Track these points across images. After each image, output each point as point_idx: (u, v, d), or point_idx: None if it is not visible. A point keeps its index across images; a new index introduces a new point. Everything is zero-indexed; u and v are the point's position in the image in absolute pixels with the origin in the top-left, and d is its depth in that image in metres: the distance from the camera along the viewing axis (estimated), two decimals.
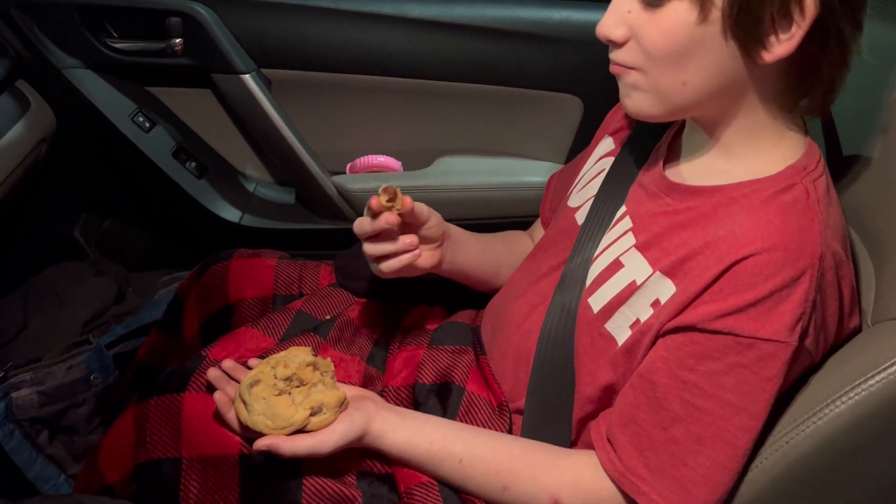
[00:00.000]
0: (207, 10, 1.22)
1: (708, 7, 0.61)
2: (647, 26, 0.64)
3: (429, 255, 0.87)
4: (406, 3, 1.25)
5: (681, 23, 0.62)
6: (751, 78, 0.65)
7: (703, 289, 0.65)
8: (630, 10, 0.65)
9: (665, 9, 0.63)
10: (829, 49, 0.64)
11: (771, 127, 0.69)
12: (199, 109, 1.33)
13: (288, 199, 1.40)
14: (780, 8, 0.60)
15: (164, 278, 1.39)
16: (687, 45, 0.63)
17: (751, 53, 0.63)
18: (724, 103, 0.68)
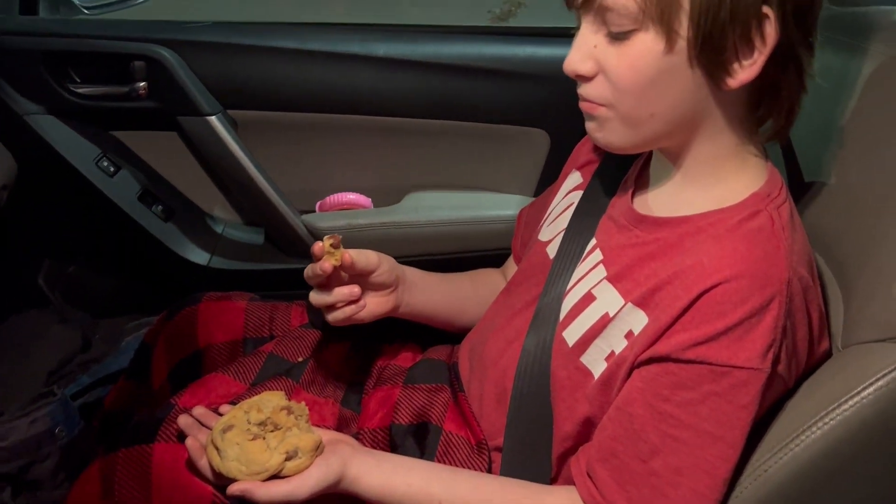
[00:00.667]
0: (171, 53, 1.22)
1: (673, 38, 0.62)
2: (615, 59, 0.65)
3: (381, 302, 0.87)
4: (373, 43, 1.27)
5: (647, 54, 0.63)
6: (715, 104, 0.67)
7: (674, 318, 0.65)
8: (596, 45, 0.66)
9: (631, 41, 0.64)
10: (788, 72, 0.65)
11: (734, 155, 0.70)
12: (165, 152, 1.32)
13: (257, 240, 1.39)
14: (742, 35, 0.62)
15: (132, 324, 1.36)
16: (654, 75, 0.64)
17: (716, 80, 0.64)
18: (691, 132, 0.69)
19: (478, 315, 0.94)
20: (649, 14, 0.62)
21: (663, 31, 0.62)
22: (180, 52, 1.22)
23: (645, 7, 0.61)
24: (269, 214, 1.31)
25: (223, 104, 1.26)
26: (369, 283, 0.85)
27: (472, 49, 1.27)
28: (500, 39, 1.30)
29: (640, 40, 0.63)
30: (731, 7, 0.60)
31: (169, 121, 1.27)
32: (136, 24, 1.30)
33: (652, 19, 0.62)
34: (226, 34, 1.30)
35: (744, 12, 0.60)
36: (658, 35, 0.62)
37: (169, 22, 1.33)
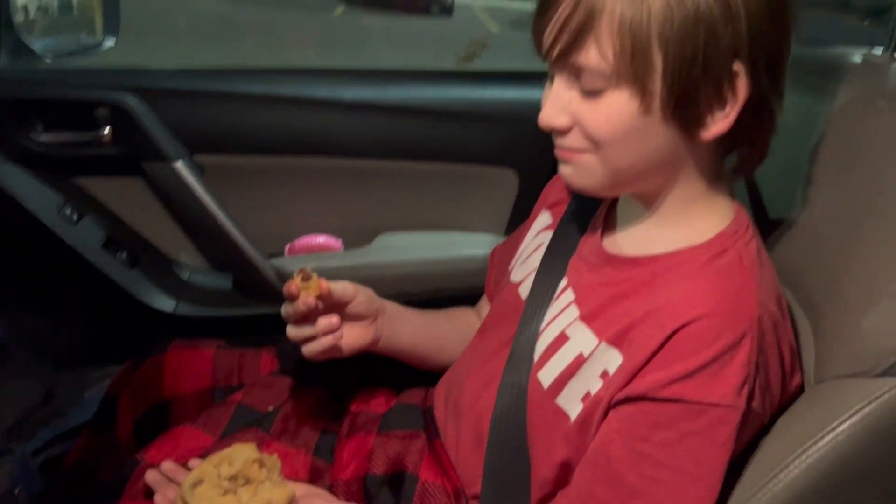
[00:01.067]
0: (136, 99, 1.21)
1: (647, 97, 0.63)
2: (590, 115, 0.66)
3: (359, 334, 0.86)
4: (341, 87, 1.27)
5: (623, 111, 0.64)
6: (688, 153, 0.68)
7: (649, 357, 0.65)
8: (570, 100, 0.67)
9: (605, 98, 0.64)
10: (761, 119, 0.67)
11: (703, 196, 0.71)
12: (130, 198, 1.31)
13: (224, 285, 1.37)
14: (715, 91, 0.63)
15: (95, 375, 1.32)
16: (630, 130, 0.65)
17: (690, 133, 0.65)
18: (664, 178, 0.70)
19: (455, 353, 0.93)
20: (623, 74, 0.62)
21: (637, 90, 0.63)
22: (145, 98, 1.22)
23: (618, 68, 0.62)
24: (236, 259, 1.29)
25: (189, 149, 1.25)
26: (347, 313, 0.84)
27: (440, 92, 1.28)
28: (466, 82, 1.32)
29: (614, 98, 0.64)
30: (702, 66, 0.61)
31: (134, 167, 1.25)
32: (100, 71, 1.29)
33: (625, 79, 0.63)
34: (192, 80, 1.30)
35: (716, 70, 0.62)
36: (632, 94, 0.63)
37: (134, 68, 1.33)
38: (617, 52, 0.62)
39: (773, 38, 0.63)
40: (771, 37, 0.63)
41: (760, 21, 0.62)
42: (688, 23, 0.60)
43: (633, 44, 0.61)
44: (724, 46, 0.61)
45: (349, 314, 0.84)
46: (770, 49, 0.63)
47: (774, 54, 0.64)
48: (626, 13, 0.61)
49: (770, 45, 0.63)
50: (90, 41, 1.33)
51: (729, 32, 0.61)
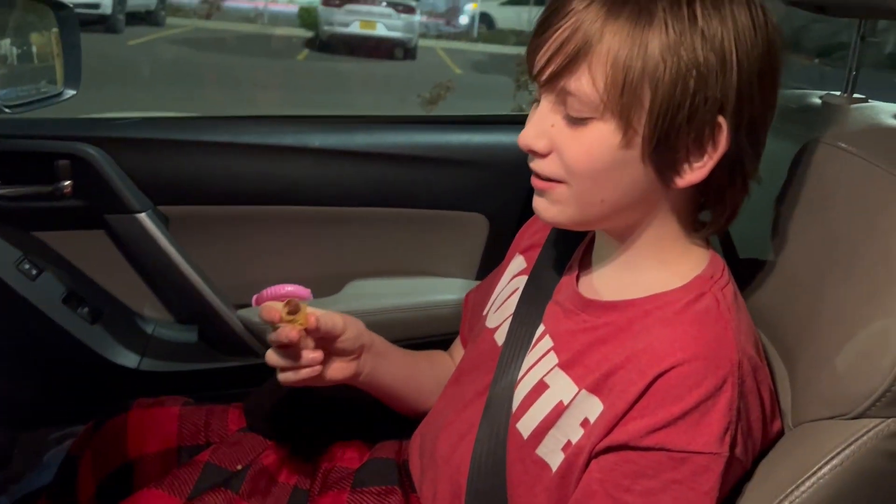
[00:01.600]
0: (98, 150, 1.19)
1: (630, 133, 0.63)
2: (570, 142, 0.66)
3: (340, 367, 0.84)
4: (307, 134, 1.27)
5: (603, 143, 0.65)
6: (662, 198, 0.69)
7: (630, 404, 0.64)
8: (553, 125, 0.67)
9: (589, 128, 0.65)
10: (734, 178, 0.68)
11: (677, 241, 0.71)
12: (92, 251, 1.28)
13: (190, 338, 1.33)
14: (696, 140, 0.64)
15: (54, 436, 1.27)
16: (608, 164, 0.65)
17: (665, 178, 0.66)
18: (635, 218, 0.70)
19: (432, 396, 0.92)
20: (610, 106, 0.63)
21: (622, 124, 0.63)
22: (107, 149, 1.20)
23: (606, 99, 0.63)
24: (202, 311, 1.27)
25: (153, 200, 1.23)
26: (332, 347, 0.82)
27: (407, 138, 1.29)
28: (434, 127, 1.32)
29: (598, 129, 0.64)
30: (688, 112, 0.62)
31: (95, 219, 1.23)
32: (61, 121, 1.27)
33: (612, 111, 0.63)
34: (155, 129, 1.28)
35: (700, 119, 0.63)
36: (616, 128, 0.64)
37: (95, 119, 1.31)
38: (608, 84, 0.62)
39: (759, 102, 0.65)
40: (757, 100, 0.65)
41: (751, 82, 0.63)
42: (681, 68, 0.61)
43: (626, 78, 0.62)
44: (711, 97, 0.62)
45: (335, 348, 0.82)
46: (754, 111, 0.65)
47: (757, 118, 0.66)
48: (622, 47, 0.62)
49: (755, 108, 0.65)
50: (50, 91, 1.31)
51: (719, 85, 0.62)
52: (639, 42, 0.61)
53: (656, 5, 0.62)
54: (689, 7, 0.62)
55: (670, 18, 0.61)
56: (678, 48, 0.61)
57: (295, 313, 0.76)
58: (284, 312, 0.75)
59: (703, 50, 0.61)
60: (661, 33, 0.61)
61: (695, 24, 0.61)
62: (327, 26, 10.67)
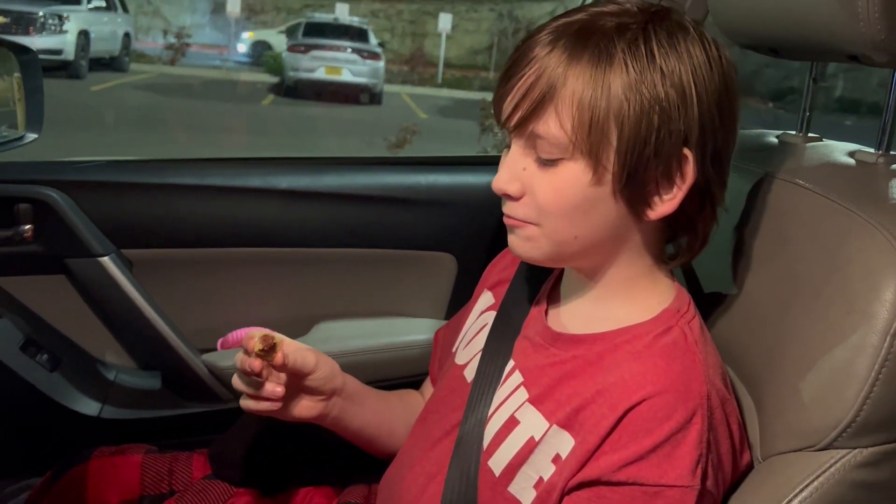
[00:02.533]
0: (60, 193, 1.17)
1: (600, 170, 0.65)
2: (542, 184, 0.67)
3: (307, 406, 0.83)
4: (275, 176, 1.27)
5: (574, 182, 0.66)
6: (634, 231, 0.70)
7: (601, 439, 0.64)
8: (525, 168, 0.68)
9: (559, 168, 0.66)
10: (704, 207, 0.70)
11: (647, 275, 0.73)
12: (52, 297, 1.24)
13: (153, 385, 1.30)
14: (664, 172, 0.66)
15: (10, 488, 1.22)
16: (580, 202, 0.67)
17: (637, 211, 0.68)
18: (609, 254, 0.71)
19: (403, 437, 0.90)
20: (579, 146, 0.65)
21: (591, 163, 0.65)
22: (69, 193, 1.18)
23: (575, 140, 0.64)
24: (166, 357, 1.24)
25: (116, 244, 1.21)
26: (301, 384, 0.80)
27: (375, 179, 1.29)
28: (401, 169, 1.33)
29: (569, 168, 0.66)
30: (654, 147, 0.64)
31: (56, 264, 1.20)
32: (21, 165, 1.25)
33: (581, 151, 0.65)
34: (118, 172, 1.27)
35: (666, 152, 0.65)
36: (586, 166, 0.65)
37: (57, 162, 1.29)
38: (575, 125, 0.64)
39: (721, 132, 0.67)
40: (719, 130, 0.67)
41: (711, 114, 0.66)
42: (644, 105, 0.63)
43: (591, 118, 0.64)
44: (675, 131, 0.64)
45: (306, 386, 0.81)
46: (717, 141, 0.67)
47: (721, 147, 0.68)
48: (586, 89, 0.64)
49: (717, 138, 0.67)
50: (11, 135, 1.29)
51: (682, 118, 0.64)
52: (601, 83, 0.63)
53: (615, 47, 0.64)
54: (647, 46, 0.64)
55: (629, 58, 0.64)
56: (639, 86, 0.63)
57: (270, 349, 0.75)
58: (258, 348, 0.74)
59: (664, 86, 0.64)
60: (622, 73, 0.64)
61: (653, 62, 0.64)
62: (293, 72, 10.76)
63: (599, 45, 0.64)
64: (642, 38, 0.64)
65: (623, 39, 0.64)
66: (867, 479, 0.63)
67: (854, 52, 0.73)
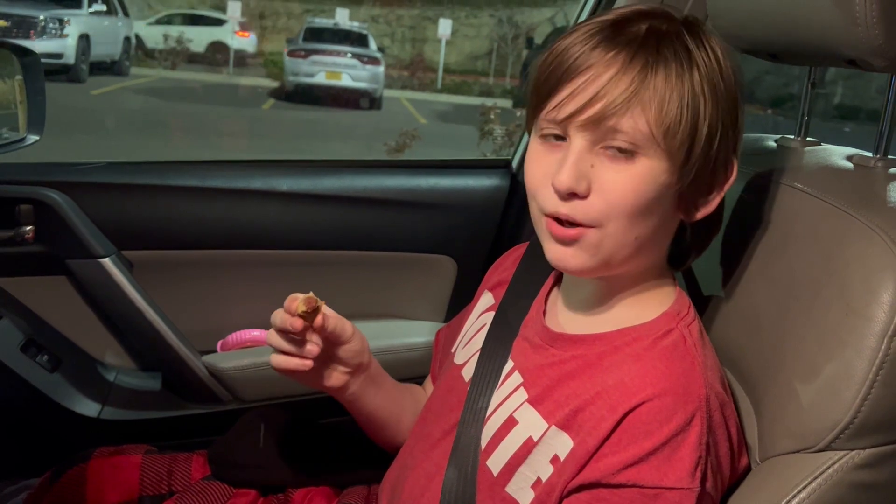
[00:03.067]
0: (61, 195, 1.17)
1: (673, 168, 0.66)
2: (616, 179, 0.66)
3: (333, 376, 0.83)
4: (276, 178, 1.27)
5: (649, 177, 0.66)
6: (670, 233, 0.72)
7: (601, 441, 0.64)
8: (593, 165, 0.66)
9: (636, 162, 0.66)
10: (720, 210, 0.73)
11: (654, 277, 0.73)
12: (52, 298, 1.25)
13: (153, 386, 1.30)
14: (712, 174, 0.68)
15: (9, 489, 1.22)
16: (651, 199, 0.66)
17: (688, 212, 0.70)
18: (647, 257, 0.71)
19: (408, 430, 0.90)
20: (658, 142, 0.65)
21: (669, 158, 0.66)
22: (71, 194, 1.18)
23: (657, 135, 0.65)
24: (166, 358, 1.24)
25: (117, 245, 1.21)
26: (332, 353, 0.81)
27: (375, 181, 1.30)
28: (402, 171, 1.34)
29: (644, 164, 0.66)
30: (718, 146, 0.67)
31: (57, 265, 1.20)
32: (23, 166, 1.26)
33: (660, 147, 0.65)
34: (120, 174, 1.27)
35: (724, 153, 0.68)
36: (664, 161, 0.66)
37: (59, 163, 1.30)
38: (659, 120, 0.64)
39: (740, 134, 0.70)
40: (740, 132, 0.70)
41: (743, 120, 0.70)
42: (718, 105, 0.66)
43: (676, 115, 0.65)
44: (733, 135, 0.68)
45: (334, 354, 0.81)
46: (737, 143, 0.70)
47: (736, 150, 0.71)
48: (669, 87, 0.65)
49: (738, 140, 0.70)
50: (12, 136, 1.29)
51: (736, 125, 0.68)
52: (682, 82, 0.65)
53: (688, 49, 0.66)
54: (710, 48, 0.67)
55: (703, 58, 0.66)
56: (714, 86, 0.66)
57: (312, 312, 0.75)
58: (301, 309, 0.75)
59: (726, 91, 0.67)
60: (698, 73, 0.66)
61: (720, 64, 0.67)
62: (293, 76, 10.77)
63: (673, 45, 0.66)
64: (698, 42, 0.67)
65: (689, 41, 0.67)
66: (865, 481, 0.63)
67: (852, 57, 0.74)
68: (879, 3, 0.67)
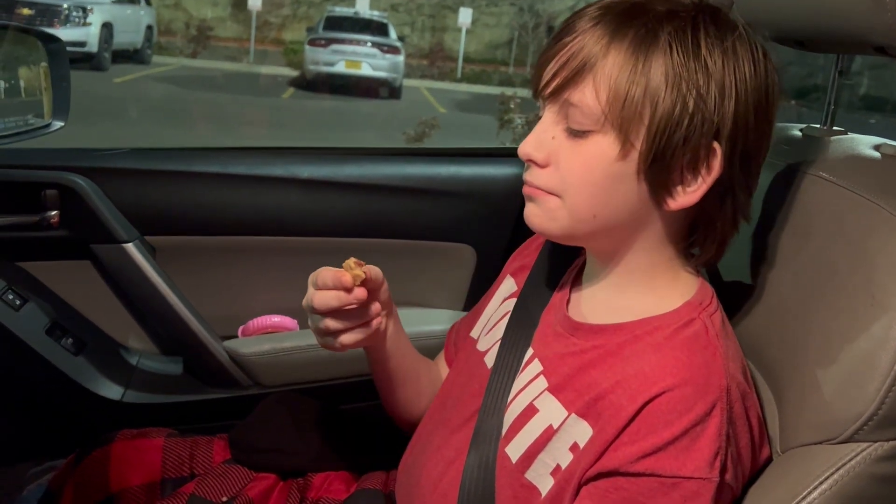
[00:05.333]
0: (86, 180, 1.19)
1: (628, 146, 0.65)
2: (569, 154, 0.67)
3: (377, 321, 0.81)
4: (296, 165, 1.27)
5: (601, 156, 0.66)
6: (654, 220, 0.69)
7: (620, 430, 0.64)
8: (554, 137, 0.68)
9: (588, 140, 0.66)
10: (725, 208, 0.69)
11: (667, 267, 0.72)
12: (77, 282, 1.26)
13: (175, 370, 1.32)
14: (690, 161, 0.65)
15: (34, 470, 1.24)
16: (604, 178, 0.66)
17: (657, 198, 0.67)
18: (625, 238, 0.71)
19: (426, 401, 0.90)
20: (610, 119, 0.65)
21: (620, 138, 0.65)
22: (95, 179, 1.20)
23: (608, 112, 0.65)
24: (188, 343, 1.25)
25: (141, 230, 1.23)
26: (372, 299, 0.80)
27: (396, 169, 1.30)
28: (422, 160, 1.34)
29: (597, 142, 0.66)
30: (685, 132, 0.64)
31: (82, 250, 1.22)
32: (48, 151, 1.27)
33: (612, 124, 0.65)
34: (143, 160, 1.28)
35: (696, 140, 0.64)
36: (615, 141, 0.65)
37: (83, 149, 1.31)
38: (610, 97, 0.64)
39: (755, 134, 0.67)
40: (752, 131, 0.66)
41: (748, 111, 0.65)
42: (682, 89, 0.63)
43: (627, 92, 0.64)
44: (709, 120, 0.64)
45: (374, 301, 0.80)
46: (749, 142, 0.66)
47: (752, 149, 0.67)
48: (626, 63, 0.64)
49: (750, 139, 0.66)
50: (38, 122, 1.31)
51: (717, 110, 0.64)
52: (642, 61, 0.64)
53: (662, 29, 0.64)
54: (694, 35, 0.64)
55: (674, 42, 0.64)
56: (680, 70, 0.63)
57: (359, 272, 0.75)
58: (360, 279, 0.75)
59: (704, 75, 0.64)
60: (665, 55, 0.64)
61: (698, 51, 0.64)
62: (313, 65, 10.79)
63: (647, 24, 0.64)
64: (690, 26, 0.64)
65: (671, 24, 0.64)
66: (888, 473, 0.63)
67: (881, 44, 0.72)
68: None
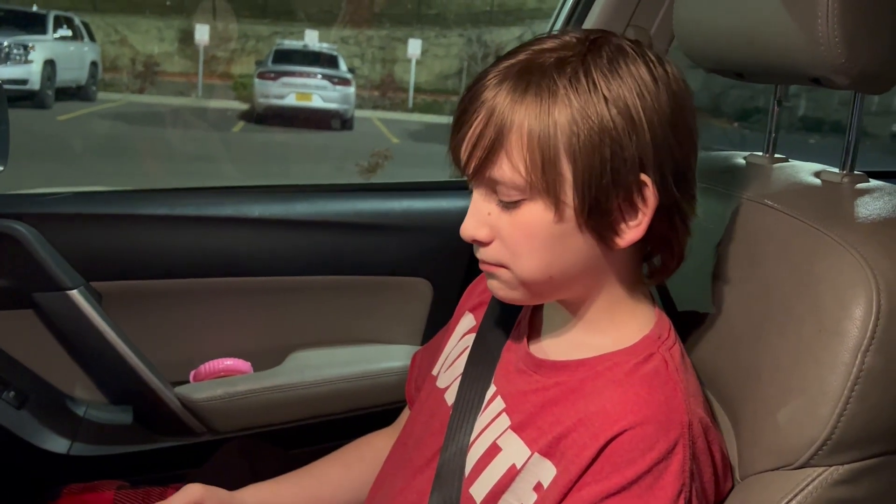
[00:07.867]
0: (26, 226, 1.15)
1: (561, 207, 0.65)
2: (509, 226, 0.67)
3: None
4: (247, 204, 1.26)
5: (538, 222, 0.66)
6: (608, 261, 0.69)
7: (583, 469, 0.64)
8: (490, 213, 0.68)
9: (522, 210, 0.66)
10: (674, 225, 0.69)
11: (627, 301, 0.72)
12: (18, 332, 1.22)
13: (125, 419, 1.27)
14: (625, 200, 0.65)
15: None
16: (547, 241, 0.66)
17: (606, 241, 0.67)
18: (585, 286, 0.71)
19: (354, 499, 0.89)
20: (536, 187, 0.64)
21: (551, 200, 0.65)
22: (36, 226, 1.16)
23: (531, 180, 0.64)
24: (138, 390, 1.21)
25: (85, 276, 1.19)
26: None
27: (347, 205, 1.29)
28: (374, 195, 1.33)
29: (530, 209, 0.66)
30: (611, 176, 0.63)
31: (23, 299, 1.17)
32: None
33: (538, 190, 0.65)
34: (87, 204, 1.25)
35: (624, 180, 0.64)
36: (547, 205, 0.65)
37: (23, 194, 1.27)
38: (528, 166, 0.64)
39: (678, 149, 0.66)
40: (676, 148, 0.66)
41: (663, 133, 0.65)
42: (593, 135, 0.63)
43: (543, 156, 0.63)
44: (629, 157, 0.64)
45: None
46: (676, 159, 0.66)
47: (681, 163, 0.67)
48: (533, 128, 0.63)
49: (675, 155, 0.66)
50: None
51: (633, 144, 0.63)
52: (547, 119, 0.63)
53: (556, 83, 0.63)
54: (587, 77, 0.63)
55: (571, 91, 0.63)
56: (585, 116, 0.63)
57: None
58: None
59: (610, 113, 0.63)
60: (566, 106, 0.63)
61: (596, 91, 0.63)
62: (263, 98, 10.73)
63: (541, 82, 0.64)
64: (582, 70, 0.64)
65: (564, 74, 0.63)
66: (844, 497, 0.64)
67: (816, 76, 0.75)
68: (841, 24, 0.69)
